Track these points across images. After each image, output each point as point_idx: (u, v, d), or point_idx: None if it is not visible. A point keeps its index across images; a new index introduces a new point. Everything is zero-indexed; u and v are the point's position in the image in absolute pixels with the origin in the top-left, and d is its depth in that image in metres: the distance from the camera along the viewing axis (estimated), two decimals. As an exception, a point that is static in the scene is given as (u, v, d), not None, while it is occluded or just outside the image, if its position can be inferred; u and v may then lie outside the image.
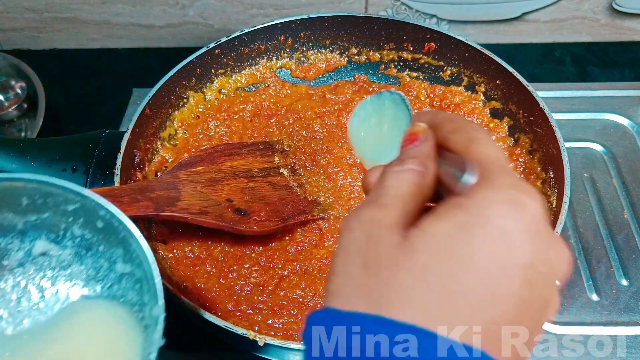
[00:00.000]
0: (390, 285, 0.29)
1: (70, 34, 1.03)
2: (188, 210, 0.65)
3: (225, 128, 0.81)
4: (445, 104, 0.84)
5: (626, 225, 0.79)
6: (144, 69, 1.04)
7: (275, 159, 0.78)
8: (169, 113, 0.80)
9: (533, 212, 0.30)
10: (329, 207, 0.74)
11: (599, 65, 1.03)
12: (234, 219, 0.67)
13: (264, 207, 0.71)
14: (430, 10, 1.00)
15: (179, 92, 0.81)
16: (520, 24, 1.03)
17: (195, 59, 0.80)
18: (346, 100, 0.84)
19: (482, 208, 0.30)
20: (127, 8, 1.00)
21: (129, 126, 0.71)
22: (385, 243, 0.31)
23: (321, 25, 0.87)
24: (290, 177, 0.77)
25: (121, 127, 0.91)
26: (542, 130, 0.73)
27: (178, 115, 0.81)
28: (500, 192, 0.31)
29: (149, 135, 0.77)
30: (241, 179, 0.73)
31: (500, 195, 0.30)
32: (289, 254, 0.70)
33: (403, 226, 0.32)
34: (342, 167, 0.77)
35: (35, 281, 0.50)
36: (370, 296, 0.30)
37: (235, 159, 0.75)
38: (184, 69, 0.79)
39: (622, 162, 0.85)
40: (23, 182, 0.46)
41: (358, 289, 0.30)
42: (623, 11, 1.00)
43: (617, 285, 0.73)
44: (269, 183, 0.74)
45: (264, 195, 0.72)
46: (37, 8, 0.99)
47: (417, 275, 0.29)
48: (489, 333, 0.28)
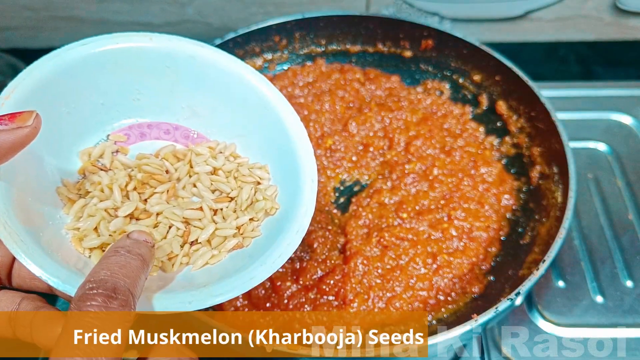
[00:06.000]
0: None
1: (69, 33, 1.02)
2: None
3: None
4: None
5: (631, 226, 0.77)
6: (142, 68, 1.02)
7: None
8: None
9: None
10: None
11: (603, 64, 1.02)
12: None
13: None
14: (432, 8, 0.99)
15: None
16: (523, 23, 1.02)
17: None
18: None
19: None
20: (125, 6, 0.99)
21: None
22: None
23: (316, 25, 0.87)
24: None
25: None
26: (544, 125, 0.73)
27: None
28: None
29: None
30: None
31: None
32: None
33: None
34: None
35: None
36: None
37: None
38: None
39: (627, 162, 0.84)
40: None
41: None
42: (627, 10, 0.98)
43: (622, 287, 0.71)
44: None
45: None
46: (35, 7, 0.99)
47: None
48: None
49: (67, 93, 0.45)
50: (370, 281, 0.66)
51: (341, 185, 0.76)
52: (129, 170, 0.47)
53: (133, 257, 0.36)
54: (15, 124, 0.36)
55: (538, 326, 0.67)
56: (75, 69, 0.45)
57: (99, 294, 0.32)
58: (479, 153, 0.78)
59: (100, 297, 0.32)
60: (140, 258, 0.36)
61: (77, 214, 0.44)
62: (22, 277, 0.42)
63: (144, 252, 0.37)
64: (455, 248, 0.70)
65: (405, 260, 0.68)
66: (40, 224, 0.41)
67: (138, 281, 0.35)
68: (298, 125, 0.48)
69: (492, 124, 0.83)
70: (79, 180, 0.46)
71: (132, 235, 0.39)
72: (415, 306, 0.66)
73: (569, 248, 0.74)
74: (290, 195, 0.46)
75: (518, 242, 0.71)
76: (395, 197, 0.73)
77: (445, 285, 0.67)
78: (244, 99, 0.49)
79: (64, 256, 0.40)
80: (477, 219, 0.72)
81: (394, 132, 0.79)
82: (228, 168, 0.48)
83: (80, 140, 0.47)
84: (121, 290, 0.33)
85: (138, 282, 0.35)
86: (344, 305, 0.64)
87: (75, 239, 0.42)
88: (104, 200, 0.44)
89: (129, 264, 0.35)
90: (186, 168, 0.48)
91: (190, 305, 0.39)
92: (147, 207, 0.45)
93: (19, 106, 0.41)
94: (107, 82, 0.47)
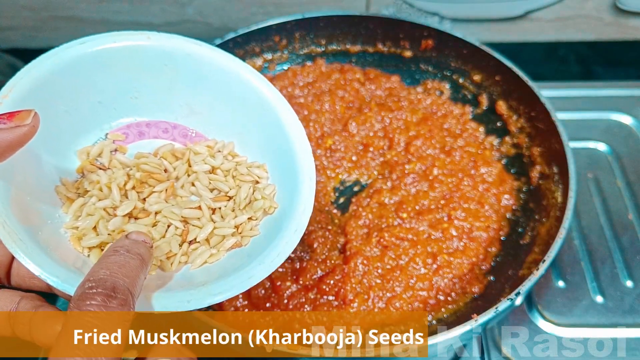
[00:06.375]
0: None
1: (69, 33, 1.02)
2: None
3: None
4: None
5: (631, 226, 0.77)
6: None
7: None
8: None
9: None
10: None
11: (603, 64, 1.02)
12: None
13: None
14: (432, 8, 0.99)
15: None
16: (523, 23, 1.01)
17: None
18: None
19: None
20: (125, 6, 0.99)
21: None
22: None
23: (316, 25, 0.86)
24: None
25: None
26: (544, 125, 0.72)
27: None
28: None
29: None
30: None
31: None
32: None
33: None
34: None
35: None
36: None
37: None
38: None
39: (627, 162, 0.84)
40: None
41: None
42: (627, 10, 0.98)
43: (622, 287, 0.71)
44: None
45: None
46: (35, 6, 0.99)
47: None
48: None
49: (65, 92, 0.45)
50: (370, 281, 0.66)
51: (341, 185, 0.76)
52: (128, 169, 0.47)
53: (132, 256, 0.36)
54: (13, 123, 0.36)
55: (538, 326, 0.67)
56: (73, 68, 0.45)
57: (99, 293, 0.32)
58: (479, 153, 0.78)
59: (99, 297, 0.32)
60: (139, 258, 0.36)
61: (76, 213, 0.44)
62: (21, 276, 0.42)
63: (142, 252, 0.37)
64: (455, 248, 0.70)
65: (405, 260, 0.68)
66: (38, 223, 0.41)
67: (137, 280, 0.35)
68: (296, 125, 0.48)
69: (492, 124, 0.82)
70: (78, 179, 0.46)
71: (131, 236, 0.39)
72: (415, 306, 0.66)
73: (569, 248, 0.74)
74: (288, 194, 0.46)
75: (518, 242, 0.71)
76: (395, 197, 0.73)
77: (445, 285, 0.67)
78: (242, 97, 0.49)
79: (63, 255, 0.40)
80: (477, 219, 0.71)
81: (394, 132, 0.79)
82: (226, 167, 0.48)
83: (78, 139, 0.47)
84: (120, 290, 0.33)
85: (137, 281, 0.35)
86: (344, 305, 0.64)
87: (74, 238, 0.42)
88: (103, 199, 0.44)
89: (128, 263, 0.35)
90: (185, 167, 0.48)
91: (189, 304, 0.39)
92: (146, 206, 0.45)
93: (17, 105, 0.41)
94: (105, 81, 0.47)
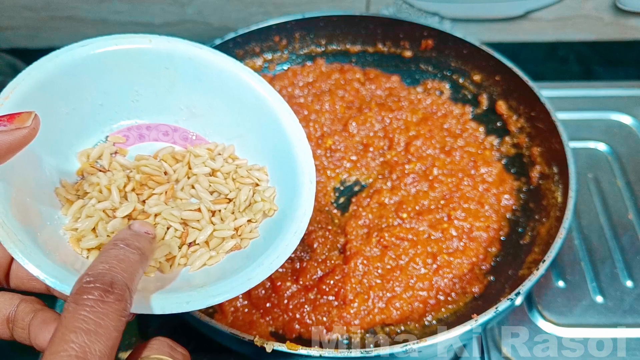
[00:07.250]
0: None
1: (69, 33, 1.02)
2: None
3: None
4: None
5: (631, 225, 0.77)
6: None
7: None
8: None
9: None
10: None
11: (603, 64, 1.02)
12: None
13: None
14: (432, 8, 0.99)
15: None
16: (524, 23, 1.01)
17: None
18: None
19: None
20: (125, 6, 0.99)
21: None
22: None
23: (316, 25, 0.86)
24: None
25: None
26: (544, 125, 0.72)
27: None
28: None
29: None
30: None
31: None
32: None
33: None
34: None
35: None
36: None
37: None
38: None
39: (627, 162, 0.84)
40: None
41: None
42: (627, 10, 0.98)
43: (622, 287, 0.71)
44: None
45: None
46: (35, 7, 0.98)
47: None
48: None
49: (66, 94, 0.45)
50: (370, 281, 0.66)
51: (341, 185, 0.76)
52: (128, 171, 0.47)
53: (132, 250, 0.36)
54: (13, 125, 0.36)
55: (538, 326, 0.67)
56: (74, 70, 0.45)
57: (96, 288, 0.32)
58: (479, 153, 0.78)
59: (97, 291, 0.32)
60: (139, 252, 0.36)
61: (75, 215, 0.44)
62: (20, 277, 0.42)
63: (143, 245, 0.37)
64: (455, 248, 0.70)
65: (405, 260, 0.68)
66: (38, 224, 0.41)
67: (136, 275, 0.35)
68: (296, 127, 0.48)
69: (492, 124, 0.82)
70: (78, 181, 0.46)
71: (133, 227, 0.39)
72: (415, 306, 0.66)
73: (569, 248, 0.74)
74: (288, 197, 0.46)
75: (518, 242, 0.71)
76: (395, 197, 0.73)
77: (445, 285, 0.67)
78: (242, 100, 0.49)
79: (62, 256, 0.40)
80: (477, 219, 0.71)
81: (394, 132, 0.79)
82: (226, 170, 0.48)
83: (79, 141, 0.47)
84: (118, 285, 0.33)
85: (136, 276, 0.35)
86: (344, 305, 0.64)
87: (73, 239, 0.42)
88: (102, 201, 0.44)
89: (128, 258, 0.35)
90: (185, 169, 0.48)
91: (188, 305, 0.39)
92: (146, 208, 0.45)
93: (17, 107, 0.41)
94: (106, 83, 0.47)
